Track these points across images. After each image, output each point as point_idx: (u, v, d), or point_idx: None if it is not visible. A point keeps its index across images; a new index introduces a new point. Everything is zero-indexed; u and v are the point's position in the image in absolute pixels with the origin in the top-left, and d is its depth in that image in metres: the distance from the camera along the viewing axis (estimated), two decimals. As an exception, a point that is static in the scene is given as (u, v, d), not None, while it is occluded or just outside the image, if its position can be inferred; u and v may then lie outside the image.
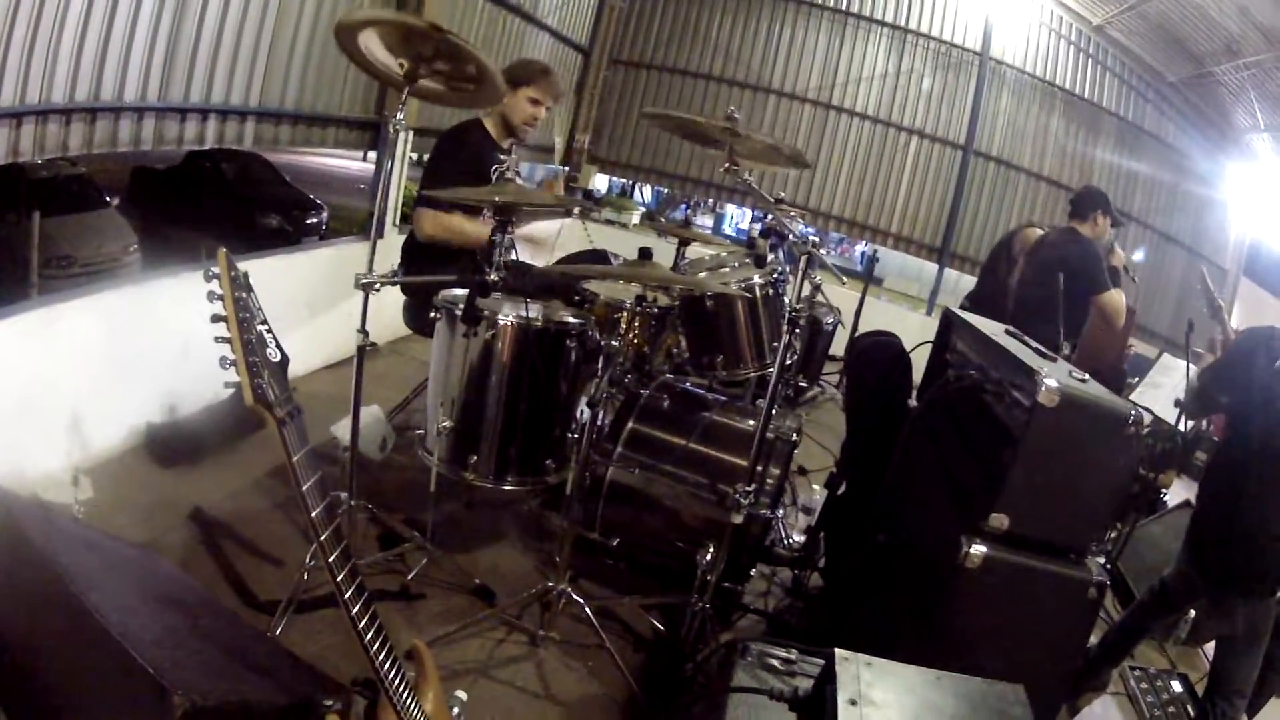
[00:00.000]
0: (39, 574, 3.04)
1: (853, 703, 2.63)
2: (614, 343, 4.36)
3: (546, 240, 6.23)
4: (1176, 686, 5.41)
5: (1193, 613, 5.02)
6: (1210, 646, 5.13)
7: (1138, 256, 7.97)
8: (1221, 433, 5.39)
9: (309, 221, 20.47)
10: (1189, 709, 5.25)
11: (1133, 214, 13.34)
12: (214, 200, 19.23)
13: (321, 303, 7.27)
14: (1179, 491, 7.08)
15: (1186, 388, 6.15)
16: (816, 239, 4.34)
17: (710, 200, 16.95)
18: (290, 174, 22.30)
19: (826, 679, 2.81)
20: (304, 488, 2.11)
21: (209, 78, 6.36)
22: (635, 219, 15.91)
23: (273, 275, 6.68)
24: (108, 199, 15.51)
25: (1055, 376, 3.46)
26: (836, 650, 2.83)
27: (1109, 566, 3.93)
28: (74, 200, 14.39)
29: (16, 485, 4.07)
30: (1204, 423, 6.68)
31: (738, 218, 31.78)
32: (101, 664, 2.72)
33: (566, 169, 14.33)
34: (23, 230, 12.73)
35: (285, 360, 2.10)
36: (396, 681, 2.38)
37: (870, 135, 13.94)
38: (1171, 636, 5.59)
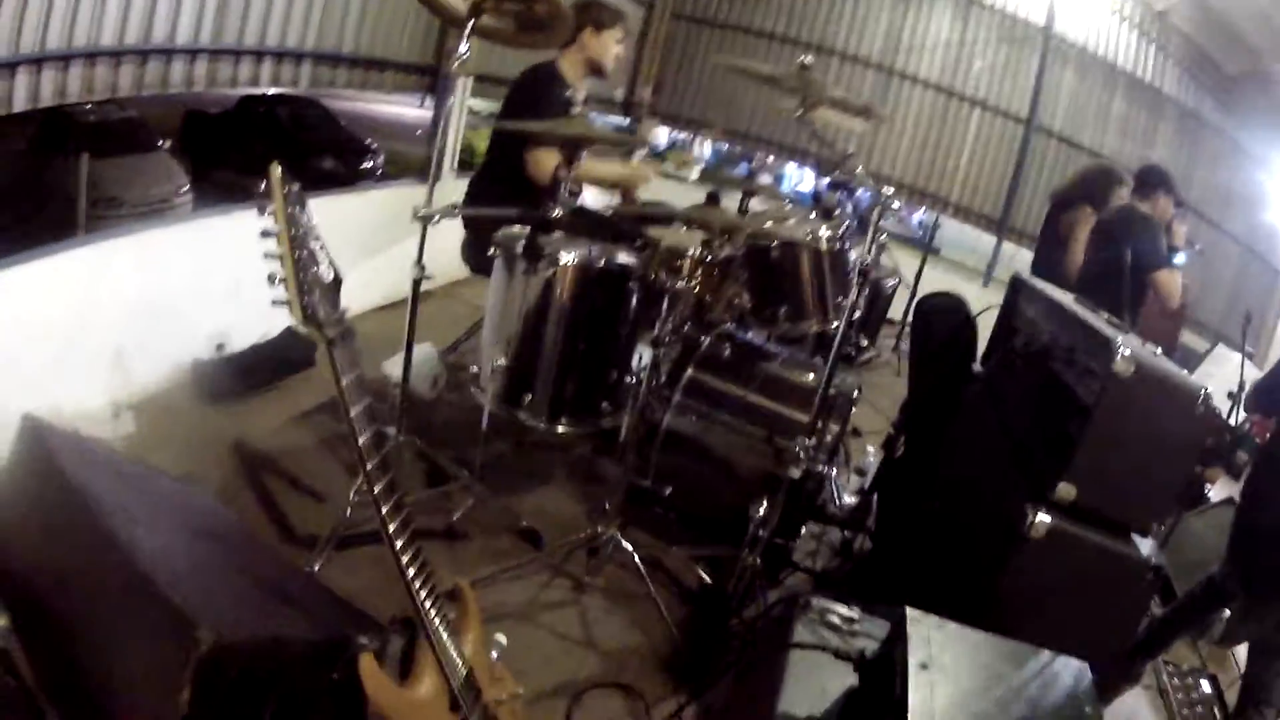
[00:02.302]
0: (67, 502, 3.01)
1: (924, 666, 2.54)
2: (678, 284, 4.28)
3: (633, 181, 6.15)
4: (1205, 687, 5.35)
5: (1227, 613, 4.97)
6: (1242, 651, 5.05)
7: (1179, 260, 7.80)
8: (1263, 432, 5.31)
9: (364, 165, 20.50)
10: (1215, 711, 5.18)
11: (1189, 204, 13.13)
12: (267, 145, 18.88)
13: (376, 244, 7.21)
14: (1221, 488, 6.99)
15: (1241, 382, 6.07)
16: (890, 192, 4.24)
17: (770, 158, 16.82)
18: (346, 120, 22.33)
19: (897, 639, 2.72)
20: (352, 413, 2.02)
21: (264, 18, 6.29)
22: (695, 174, 15.81)
23: (327, 216, 6.53)
24: (159, 142, 15.55)
25: (1131, 346, 3.36)
26: (908, 609, 2.74)
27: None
28: (124, 143, 14.42)
29: (57, 419, 4.01)
30: (1246, 423, 6.59)
31: (797, 178, 31.52)
32: (127, 595, 2.69)
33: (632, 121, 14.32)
34: (71, 172, 12.74)
35: (338, 280, 2.01)
36: (437, 621, 2.29)
37: (933, 103, 13.71)
38: (1205, 635, 5.53)
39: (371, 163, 20.70)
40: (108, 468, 3.66)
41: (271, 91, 17.52)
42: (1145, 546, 3.49)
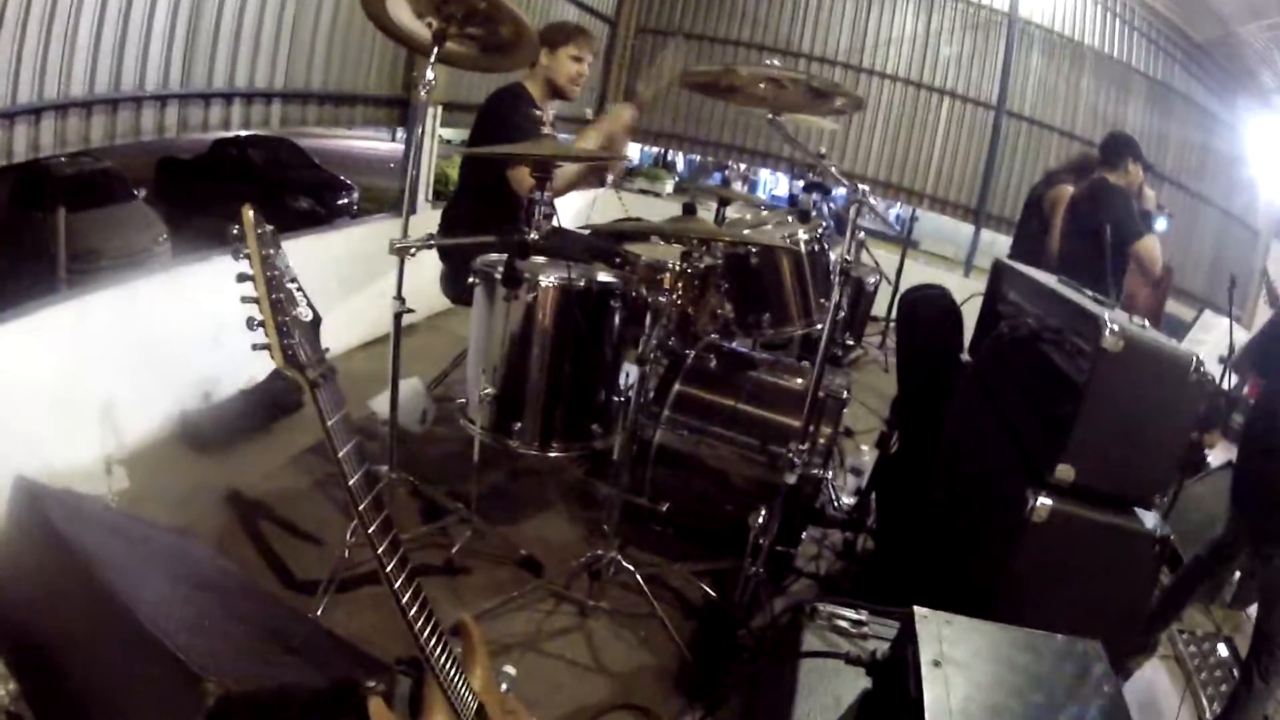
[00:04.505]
0: (67, 565, 2.99)
1: (936, 664, 2.52)
2: (660, 298, 4.26)
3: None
4: (1223, 650, 5.41)
5: (1238, 574, 4.98)
6: (1255, 611, 5.07)
7: (1160, 226, 7.81)
8: (1255, 392, 5.34)
9: (340, 202, 20.47)
10: (1234, 672, 5.21)
11: (1165, 174, 13.18)
12: (243, 187, 19.00)
13: (356, 280, 7.22)
14: (1220, 452, 7.00)
15: (1230, 346, 6.09)
16: (865, 190, 4.24)
17: (743, 167, 16.78)
18: (319, 157, 22.36)
19: (907, 639, 2.70)
20: (340, 454, 1.99)
21: (231, 61, 6.28)
22: (669, 188, 15.91)
23: (306, 255, 6.60)
24: (135, 191, 15.47)
25: (1118, 321, 3.35)
26: (915, 608, 2.73)
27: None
28: (100, 194, 14.34)
29: (50, 479, 3.98)
30: (1241, 387, 6.63)
31: (771, 184, 31.45)
32: (131, 652, 2.67)
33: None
34: (49, 227, 12.71)
35: (317, 320, 1.99)
36: (442, 658, 2.27)
37: (902, 97, 13.80)
38: (1216, 599, 5.55)
39: (347, 199, 20.64)
40: (103, 525, 3.64)
41: (244, 133, 17.51)
42: (1149, 519, 3.49)
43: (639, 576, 4.37)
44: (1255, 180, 13.83)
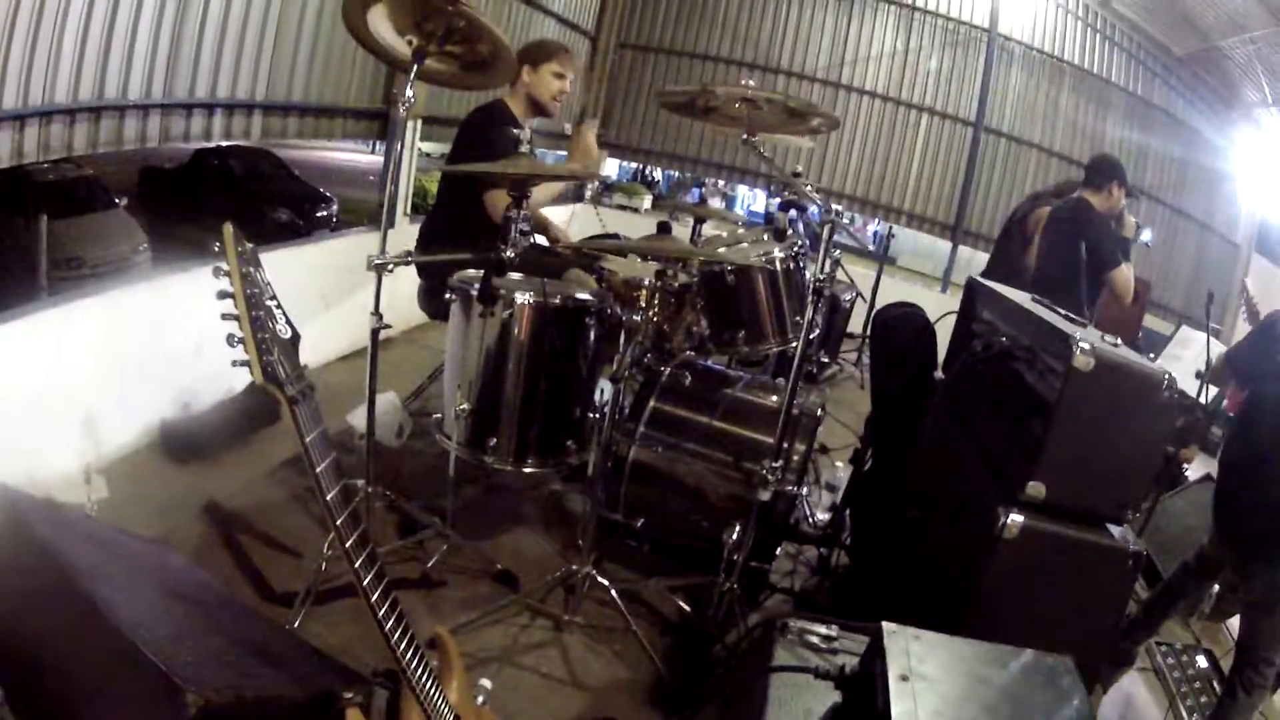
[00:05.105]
0: (47, 572, 2.98)
1: (904, 678, 2.54)
2: (635, 317, 4.27)
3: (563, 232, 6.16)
4: (1202, 662, 5.41)
5: (1216, 588, 5.00)
6: (1235, 625, 5.09)
7: (1145, 237, 7.87)
8: (1237, 405, 5.36)
9: (319, 214, 20.47)
10: (1214, 684, 5.24)
11: (1144, 189, 13.25)
12: (223, 197, 19.12)
13: (334, 293, 7.23)
14: (1198, 466, 7.03)
15: (1207, 360, 6.12)
16: (839, 209, 4.28)
17: (720, 182, 16.81)
18: (299, 169, 22.31)
19: (875, 654, 2.72)
20: (318, 470, 2.01)
21: (214, 72, 6.28)
22: (647, 204, 15.97)
23: (284, 268, 6.62)
24: (116, 199, 15.49)
25: (1089, 340, 3.37)
26: (884, 624, 2.75)
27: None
28: (82, 202, 14.44)
29: (30, 486, 3.99)
30: (1220, 399, 6.65)
31: (749, 199, 31.51)
32: (112, 662, 2.66)
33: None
34: (31, 234, 12.71)
35: (296, 337, 2.01)
36: (419, 671, 2.29)
37: (881, 113, 13.82)
38: (1196, 612, 5.57)
39: (326, 211, 20.64)
40: (84, 533, 3.63)
41: (225, 144, 17.53)
42: (1121, 534, 3.50)
43: (614, 591, 4.39)
44: (1236, 194, 13.89)
